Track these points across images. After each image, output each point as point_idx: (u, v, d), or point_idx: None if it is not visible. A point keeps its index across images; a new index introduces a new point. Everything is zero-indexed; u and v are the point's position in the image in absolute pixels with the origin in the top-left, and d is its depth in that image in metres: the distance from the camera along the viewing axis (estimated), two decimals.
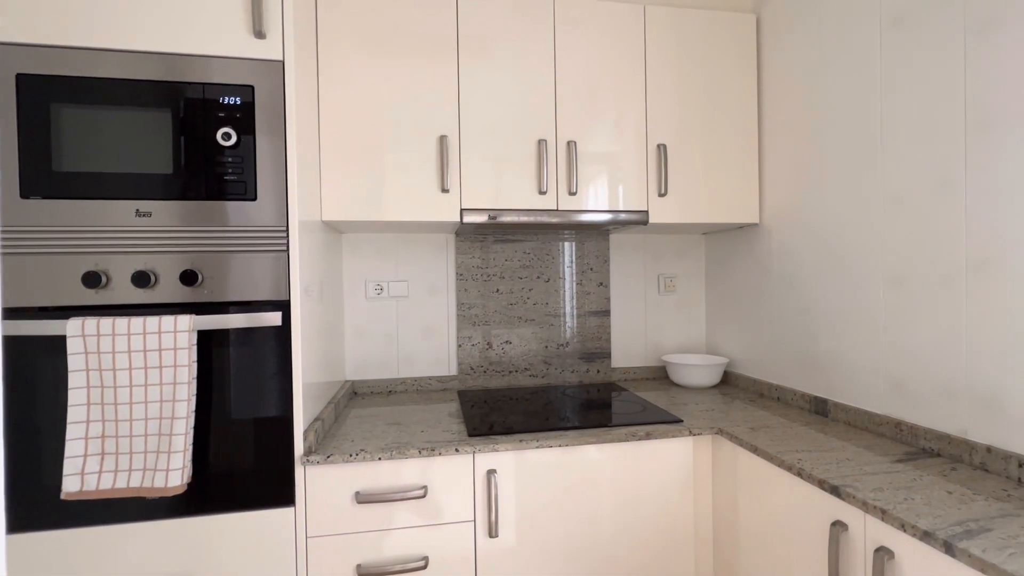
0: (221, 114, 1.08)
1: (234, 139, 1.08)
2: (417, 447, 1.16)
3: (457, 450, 1.17)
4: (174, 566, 1.07)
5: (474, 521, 1.20)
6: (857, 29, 1.25)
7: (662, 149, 1.54)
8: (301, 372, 1.13)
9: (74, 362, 0.99)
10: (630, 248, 1.91)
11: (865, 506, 0.85)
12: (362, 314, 1.72)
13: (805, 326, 1.45)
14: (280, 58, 1.11)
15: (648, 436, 1.25)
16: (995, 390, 0.97)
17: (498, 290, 1.81)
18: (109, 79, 1.05)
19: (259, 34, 1.09)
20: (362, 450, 1.14)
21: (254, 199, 1.10)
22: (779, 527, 1.07)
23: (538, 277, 1.84)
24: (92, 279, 1.03)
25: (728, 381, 1.80)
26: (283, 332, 1.12)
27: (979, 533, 0.73)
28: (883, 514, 0.81)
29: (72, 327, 0.99)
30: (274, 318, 1.09)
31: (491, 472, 1.19)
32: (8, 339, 1.02)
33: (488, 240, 1.80)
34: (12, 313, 1.02)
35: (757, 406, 1.48)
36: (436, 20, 1.43)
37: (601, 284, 1.88)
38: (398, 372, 1.75)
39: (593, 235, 1.87)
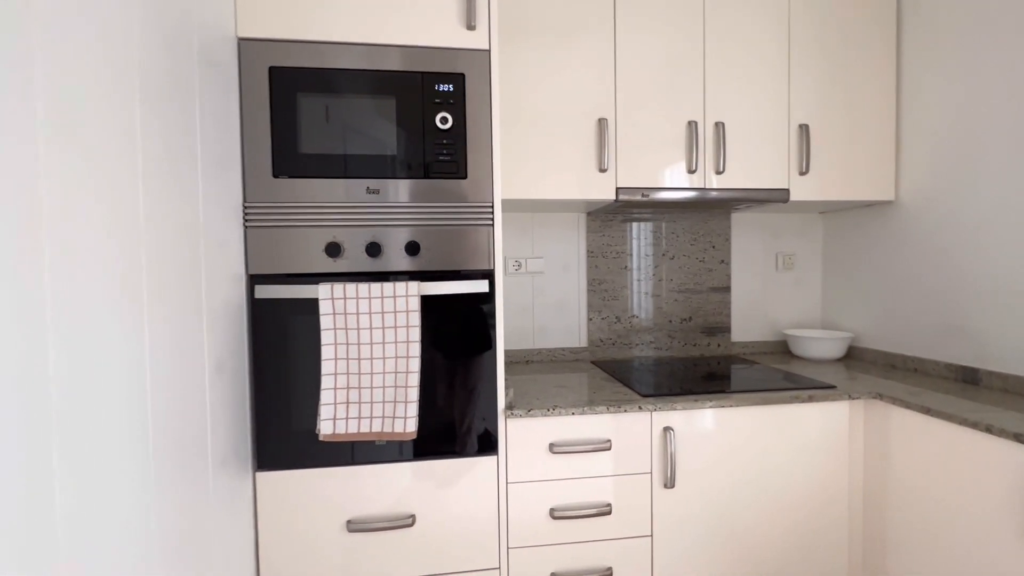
0: (437, 100, 1.20)
1: (450, 123, 1.20)
2: (605, 404, 1.27)
3: (640, 408, 1.28)
4: (397, 504, 1.21)
5: (651, 473, 1.31)
6: None
7: (804, 129, 1.60)
8: (502, 334, 1.25)
9: (325, 322, 1.13)
10: (750, 227, 1.98)
11: None
12: (502, 288, 1.84)
13: (949, 299, 1.50)
14: (487, 47, 1.21)
15: (811, 399, 1.34)
16: None
17: (626, 267, 1.90)
18: (344, 69, 1.17)
19: (470, 26, 1.20)
20: (556, 405, 1.26)
21: (464, 177, 1.21)
22: (954, 479, 1.15)
23: (663, 255, 1.92)
24: (333, 249, 1.17)
25: (851, 355, 1.86)
26: (489, 298, 1.24)
27: None
28: None
29: (323, 291, 1.13)
30: (482, 285, 1.21)
31: (667, 429, 1.30)
32: (262, 302, 1.16)
33: (616, 219, 1.89)
34: (263, 279, 1.16)
35: (892, 376, 1.54)
36: (594, 4, 1.51)
37: (722, 261, 1.95)
38: (533, 343, 1.87)
39: (717, 214, 1.94)
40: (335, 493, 1.19)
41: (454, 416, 1.23)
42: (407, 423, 1.14)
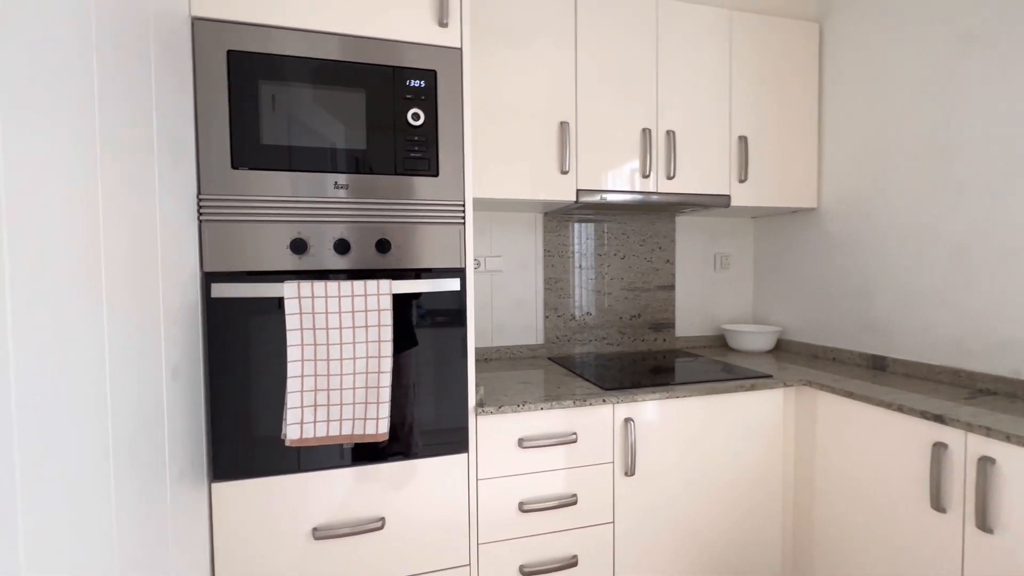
0: (408, 96, 1.18)
1: (422, 119, 1.18)
2: (571, 398, 1.32)
3: (604, 401, 1.34)
4: (367, 508, 1.18)
5: (613, 463, 1.37)
6: (926, 43, 1.49)
7: (743, 140, 1.74)
8: (473, 332, 1.26)
9: (291, 322, 1.08)
10: (692, 229, 2.12)
11: (969, 427, 1.09)
12: (473, 287, 1.84)
13: (862, 297, 1.70)
14: (459, 45, 1.21)
15: (753, 388, 1.47)
16: None
17: (580, 266, 1.97)
18: (310, 58, 1.12)
19: (442, 23, 1.19)
20: (526, 401, 1.29)
21: (436, 175, 1.21)
22: (870, 454, 1.31)
23: (614, 255, 2.01)
24: (299, 245, 1.12)
25: (779, 347, 2.05)
26: (460, 296, 1.24)
27: None
28: (988, 431, 1.05)
29: (289, 290, 1.08)
30: (454, 284, 1.21)
31: (628, 420, 1.37)
32: (218, 301, 1.09)
33: (572, 220, 1.96)
34: (219, 277, 1.09)
35: (816, 366, 1.73)
36: (557, 11, 1.55)
37: (668, 261, 2.08)
38: (492, 341, 1.89)
39: (663, 217, 2.06)
40: (299, 500, 1.14)
41: (425, 416, 1.23)
42: (379, 424, 1.12)
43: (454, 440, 1.24)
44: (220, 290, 1.07)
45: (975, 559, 1.08)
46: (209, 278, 1.08)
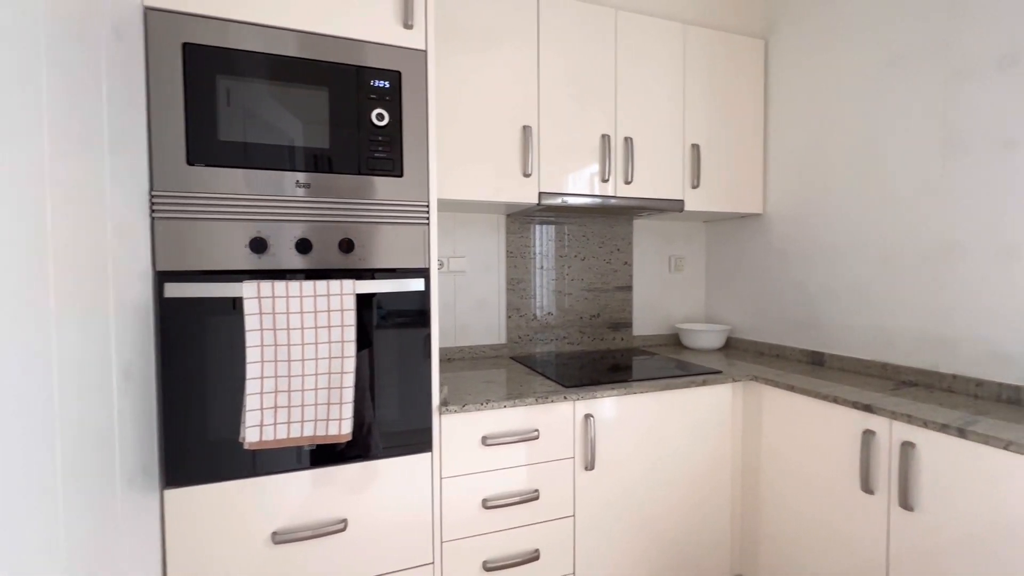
0: (373, 96, 1.18)
1: (387, 120, 1.18)
2: (533, 396, 1.35)
3: (566, 398, 1.38)
4: (329, 510, 1.17)
5: (574, 458, 1.42)
6: (858, 63, 1.62)
7: (696, 148, 1.83)
8: (437, 332, 1.27)
9: (251, 322, 1.06)
10: (648, 232, 2.20)
11: (894, 415, 1.19)
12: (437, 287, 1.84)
13: (803, 297, 1.83)
14: (424, 47, 1.22)
15: (704, 383, 1.55)
16: (955, 335, 1.38)
17: (542, 267, 2.01)
18: (271, 55, 1.10)
19: (407, 25, 1.20)
20: (489, 399, 1.31)
21: (401, 176, 1.21)
22: (809, 443, 1.41)
23: (575, 256, 2.07)
24: (258, 245, 1.09)
25: (729, 345, 2.16)
26: (424, 297, 1.25)
27: (973, 424, 1.10)
28: (909, 418, 1.16)
29: (249, 290, 1.05)
30: (418, 284, 1.22)
31: (588, 416, 1.42)
32: (171, 301, 1.05)
33: (534, 222, 2.00)
34: (173, 276, 1.05)
35: (761, 362, 1.84)
36: (521, 17, 1.59)
37: (625, 263, 2.15)
38: (455, 341, 1.90)
39: (621, 220, 2.13)
40: (257, 505, 1.12)
41: (388, 416, 1.23)
42: (341, 425, 1.11)
43: (418, 440, 1.25)
44: (174, 290, 1.04)
45: (898, 535, 1.19)
46: (162, 277, 1.05)
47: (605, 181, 1.71)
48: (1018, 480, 0.99)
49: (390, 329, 1.23)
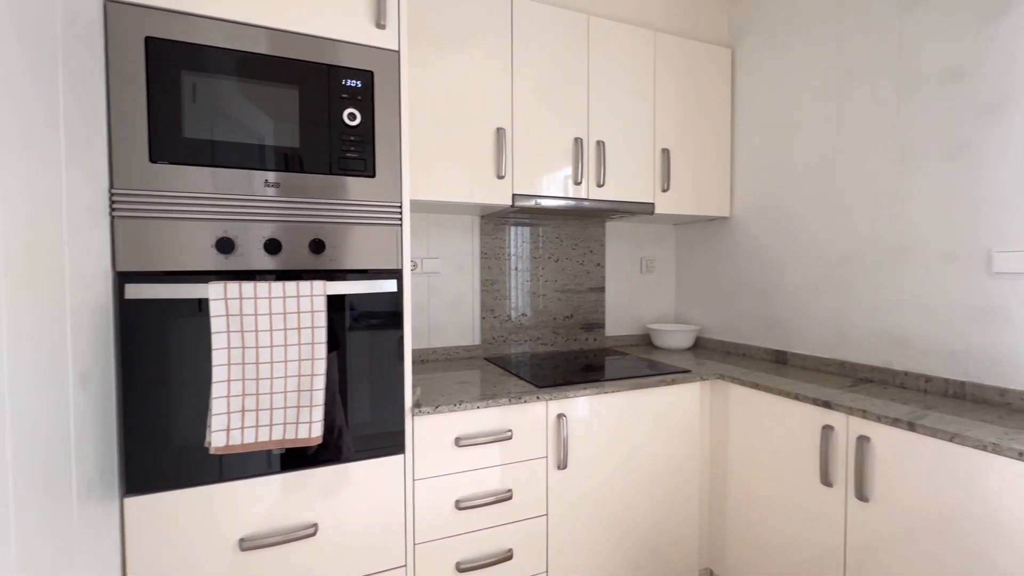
0: (344, 95, 1.17)
1: (358, 120, 1.18)
2: (507, 396, 1.36)
3: (539, 398, 1.39)
4: (299, 514, 1.15)
5: (547, 457, 1.43)
6: (817, 74, 1.69)
7: (666, 153, 1.88)
8: (410, 333, 1.26)
9: (217, 324, 1.03)
10: (620, 234, 2.24)
11: (850, 411, 1.25)
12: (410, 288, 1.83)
13: (768, 297, 1.89)
14: (396, 48, 1.22)
15: (673, 382, 1.59)
16: (906, 333, 1.45)
17: (516, 268, 2.03)
18: (239, 51, 1.08)
19: (379, 25, 1.19)
20: (463, 400, 1.31)
21: (373, 176, 1.20)
22: (772, 438, 1.46)
23: (549, 257, 2.09)
24: (225, 245, 1.07)
25: (698, 344, 2.22)
26: (396, 298, 1.24)
27: (922, 417, 1.16)
28: (864, 413, 1.22)
29: (215, 291, 1.03)
30: (391, 285, 1.21)
31: (560, 416, 1.43)
32: (133, 303, 1.02)
33: (508, 223, 2.01)
34: (134, 277, 1.02)
35: (728, 361, 1.90)
36: (495, 19, 1.60)
37: (598, 264, 2.19)
38: (429, 342, 1.89)
39: (594, 222, 2.16)
40: (224, 511, 1.09)
41: (360, 418, 1.21)
42: (312, 428, 1.10)
43: (390, 442, 1.24)
44: (135, 291, 1.01)
45: (855, 525, 1.25)
46: (123, 278, 1.02)
47: (578, 184, 1.73)
48: (961, 470, 1.05)
49: (362, 330, 1.22)
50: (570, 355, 1.99)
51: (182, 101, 1.04)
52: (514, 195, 1.64)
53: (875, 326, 1.54)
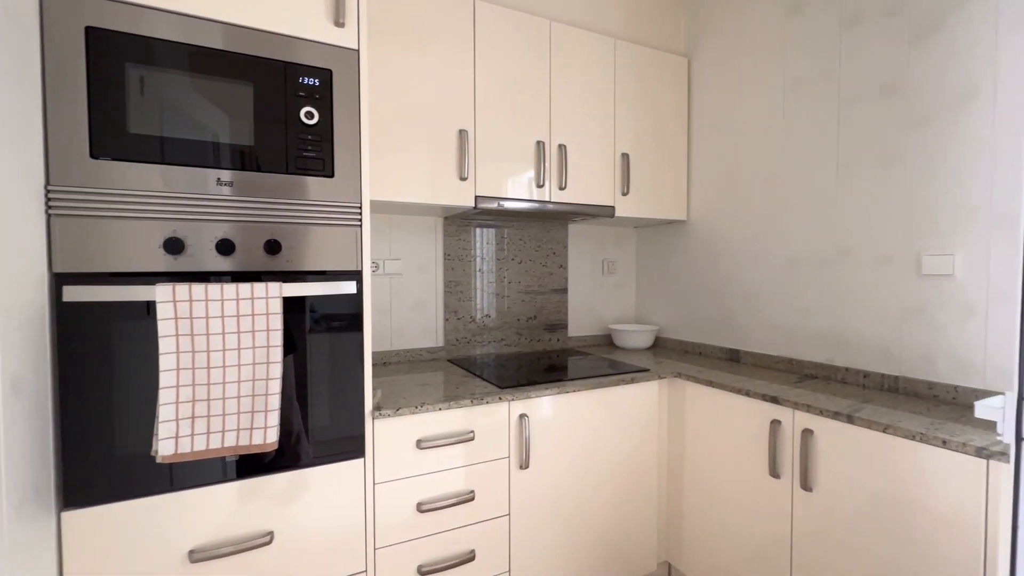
0: (302, 93, 1.15)
1: (316, 118, 1.15)
2: (469, 397, 1.36)
3: (500, 399, 1.40)
4: (253, 523, 1.12)
5: (509, 457, 1.44)
6: (766, 85, 1.77)
7: (626, 157, 1.92)
8: (371, 335, 1.25)
9: (164, 327, 0.99)
10: (582, 236, 2.28)
11: (796, 405, 1.32)
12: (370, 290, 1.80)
13: (722, 298, 1.97)
14: (356, 47, 1.20)
15: (632, 381, 1.63)
16: (847, 332, 1.54)
17: (480, 270, 2.03)
18: (189, 44, 1.04)
19: (338, 23, 1.18)
20: (424, 403, 1.31)
21: (331, 176, 1.18)
22: (726, 433, 1.52)
23: (512, 259, 2.10)
24: (174, 245, 1.03)
25: (657, 344, 2.28)
26: (356, 300, 1.22)
27: (860, 410, 1.24)
28: (808, 407, 1.29)
29: (162, 293, 0.99)
30: (350, 287, 1.20)
31: (523, 416, 1.45)
32: (72, 306, 0.97)
33: (472, 224, 2.01)
34: (73, 279, 0.97)
35: (686, 359, 1.96)
36: (457, 21, 1.60)
37: (561, 266, 2.22)
38: (391, 344, 1.87)
39: (557, 224, 2.19)
40: (172, 523, 1.05)
41: (319, 423, 1.19)
42: (267, 433, 1.07)
43: (350, 446, 1.22)
44: (74, 293, 0.96)
45: (800, 514, 1.31)
46: (61, 280, 0.96)
47: (540, 186, 1.76)
48: (894, 458, 1.12)
49: (321, 333, 1.19)
50: (533, 356, 2.01)
51: (127, 95, 0.99)
52: (477, 197, 1.64)
53: (820, 325, 1.62)
